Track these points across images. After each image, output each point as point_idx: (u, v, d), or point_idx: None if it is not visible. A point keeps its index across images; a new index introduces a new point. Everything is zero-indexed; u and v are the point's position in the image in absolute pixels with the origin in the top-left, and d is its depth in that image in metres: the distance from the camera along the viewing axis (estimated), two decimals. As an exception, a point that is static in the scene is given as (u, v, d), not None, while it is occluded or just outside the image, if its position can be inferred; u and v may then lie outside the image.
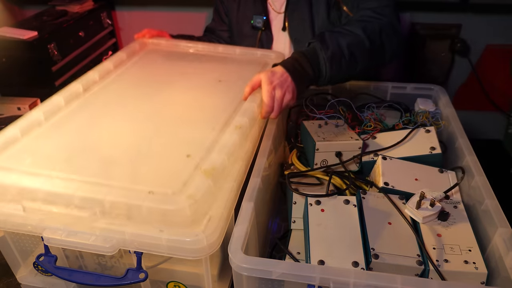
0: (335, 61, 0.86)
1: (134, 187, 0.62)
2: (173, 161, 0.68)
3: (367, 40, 0.89)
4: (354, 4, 1.02)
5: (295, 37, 1.18)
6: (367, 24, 0.91)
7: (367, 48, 0.89)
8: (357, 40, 0.88)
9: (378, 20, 0.92)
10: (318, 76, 0.87)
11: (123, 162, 0.69)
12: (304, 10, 1.14)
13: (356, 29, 0.89)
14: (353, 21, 0.94)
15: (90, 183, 0.63)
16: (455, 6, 1.59)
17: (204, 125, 0.77)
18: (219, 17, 1.34)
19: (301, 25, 1.16)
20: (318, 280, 0.53)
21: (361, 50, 0.88)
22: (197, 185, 0.61)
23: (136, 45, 1.11)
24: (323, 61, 0.85)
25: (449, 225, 0.65)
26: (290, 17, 1.17)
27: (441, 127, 0.87)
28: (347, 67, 0.88)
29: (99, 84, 0.92)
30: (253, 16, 1.22)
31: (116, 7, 1.90)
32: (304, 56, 0.86)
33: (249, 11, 1.24)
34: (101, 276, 0.63)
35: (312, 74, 0.86)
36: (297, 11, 1.15)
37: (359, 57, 0.89)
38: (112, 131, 0.77)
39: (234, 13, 1.28)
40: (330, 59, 0.85)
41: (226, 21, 1.32)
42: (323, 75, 0.87)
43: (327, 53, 0.85)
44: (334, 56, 0.86)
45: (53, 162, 0.67)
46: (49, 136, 0.75)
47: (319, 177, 0.81)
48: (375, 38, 0.90)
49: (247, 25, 1.25)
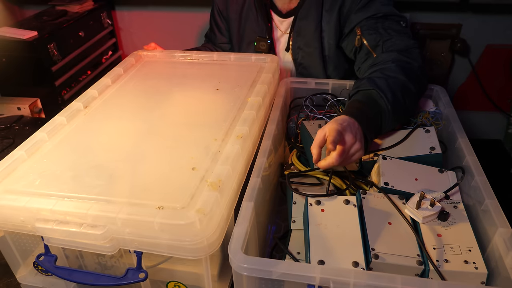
0: (396, 108, 0.78)
1: (143, 202, 0.63)
2: (179, 174, 0.69)
3: (411, 84, 0.82)
4: (376, 42, 0.95)
5: (298, 59, 1.16)
6: (405, 68, 0.85)
7: (413, 92, 0.83)
8: (405, 86, 0.82)
9: (411, 64, 0.87)
10: (380, 125, 0.78)
11: (129, 177, 0.69)
12: (313, 32, 1.10)
13: (398, 74, 0.83)
14: (389, 65, 0.86)
15: (101, 201, 0.63)
16: (455, 6, 1.59)
17: (206, 136, 0.78)
18: (219, 32, 1.28)
19: (308, 47, 1.13)
20: (318, 280, 0.53)
21: (409, 94, 0.82)
22: (205, 199, 0.62)
23: (132, 59, 1.11)
24: (385, 107, 0.77)
25: (449, 225, 0.65)
26: (295, 38, 1.13)
27: (441, 127, 0.87)
28: (404, 113, 0.83)
29: (99, 101, 0.93)
30: (256, 38, 1.17)
31: (116, 7, 1.90)
32: (363, 103, 0.77)
33: (251, 31, 1.19)
34: (101, 276, 0.63)
35: (379, 123, 0.78)
36: (302, 34, 1.12)
37: (408, 102, 0.82)
38: (115, 147, 0.77)
39: (235, 32, 1.23)
40: (392, 104, 0.77)
41: (227, 36, 1.28)
42: (386, 124, 0.79)
43: (388, 98, 0.77)
44: (395, 102, 0.78)
45: (61, 182, 0.68)
46: (55, 155, 0.76)
47: (319, 177, 0.81)
48: (415, 82, 0.84)
49: (249, 46, 1.20)
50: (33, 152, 0.76)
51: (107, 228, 0.59)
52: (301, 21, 1.11)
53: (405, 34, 0.96)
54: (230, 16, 1.22)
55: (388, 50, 0.92)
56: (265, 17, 1.15)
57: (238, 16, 1.20)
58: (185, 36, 1.87)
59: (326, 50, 1.12)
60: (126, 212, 0.60)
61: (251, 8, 1.17)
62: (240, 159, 0.72)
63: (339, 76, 1.16)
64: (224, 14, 1.24)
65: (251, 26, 1.18)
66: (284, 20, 1.16)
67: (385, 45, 0.93)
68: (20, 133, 1.28)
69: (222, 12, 1.24)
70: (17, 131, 1.30)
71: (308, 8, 1.09)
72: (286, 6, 1.14)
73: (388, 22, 0.98)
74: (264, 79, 0.95)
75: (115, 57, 1.91)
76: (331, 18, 1.07)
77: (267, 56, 1.07)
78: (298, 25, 1.11)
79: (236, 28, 1.22)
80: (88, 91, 0.95)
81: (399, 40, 0.93)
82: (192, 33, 1.86)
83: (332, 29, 1.08)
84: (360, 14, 1.01)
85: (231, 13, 1.21)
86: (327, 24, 1.09)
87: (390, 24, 0.98)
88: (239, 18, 1.20)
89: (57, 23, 1.59)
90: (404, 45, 0.91)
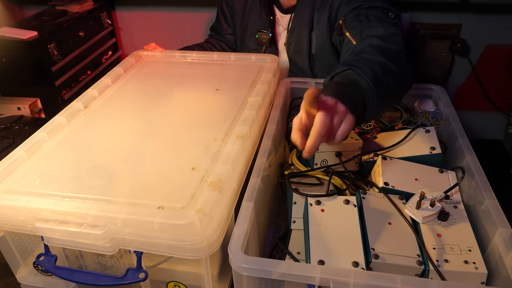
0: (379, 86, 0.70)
1: (143, 202, 0.63)
2: (179, 174, 0.69)
3: (391, 64, 0.75)
4: (357, 30, 0.91)
5: (291, 57, 1.17)
6: (382, 50, 0.78)
7: (396, 72, 0.75)
8: (385, 65, 0.75)
9: (389, 47, 0.81)
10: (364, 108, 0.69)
11: (129, 177, 0.69)
12: (303, 30, 1.11)
13: (376, 55, 0.76)
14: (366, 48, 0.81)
15: (101, 201, 0.63)
16: (455, 6, 1.59)
17: (206, 136, 0.78)
18: (225, 21, 1.31)
19: (298, 45, 1.14)
20: (318, 280, 0.53)
21: (391, 74, 0.74)
22: (205, 199, 0.62)
23: (132, 59, 1.12)
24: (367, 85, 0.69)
25: (449, 225, 0.65)
26: (290, 35, 1.15)
27: (441, 127, 0.87)
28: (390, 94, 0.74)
29: (99, 101, 0.93)
30: (258, 31, 1.18)
31: (116, 7, 1.90)
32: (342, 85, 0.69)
33: (254, 25, 1.20)
34: (101, 276, 0.63)
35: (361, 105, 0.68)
36: (296, 30, 1.13)
37: (392, 83, 0.74)
38: (115, 147, 0.77)
39: (239, 24, 1.25)
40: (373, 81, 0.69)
41: (232, 24, 1.30)
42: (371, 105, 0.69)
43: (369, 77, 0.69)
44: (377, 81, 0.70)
45: (61, 182, 0.68)
46: (55, 155, 0.76)
47: (319, 177, 0.80)
48: (397, 63, 0.77)
49: (251, 38, 1.22)
50: (33, 152, 0.76)
51: (107, 228, 0.59)
52: (296, 18, 1.13)
53: (387, 22, 0.91)
54: (235, 7, 1.25)
55: (366, 36, 0.88)
56: (268, 11, 1.17)
57: (242, 7, 1.23)
58: (185, 36, 1.87)
59: (313, 49, 1.13)
60: (126, 212, 0.60)
61: (255, 1, 1.20)
62: (240, 159, 0.72)
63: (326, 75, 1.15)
64: (230, 3, 1.27)
65: (254, 19, 1.20)
66: (285, 16, 1.18)
67: (363, 33, 0.90)
68: (20, 133, 1.28)
69: (228, 1, 1.27)
70: (17, 131, 1.30)
71: (303, 6, 1.11)
72: (287, 2, 1.17)
73: (372, 11, 0.95)
74: (264, 79, 0.95)
75: (115, 57, 1.91)
76: (320, 17, 1.09)
77: (267, 56, 1.07)
78: (293, 22, 1.13)
79: (240, 19, 1.24)
80: (88, 91, 0.95)
81: (379, 27, 0.89)
82: (192, 33, 1.86)
83: (322, 28, 1.09)
84: (346, 7, 1.02)
85: (236, 4, 1.24)
86: (317, 23, 1.10)
87: (375, 13, 0.95)
88: (244, 9, 1.22)
89: (57, 23, 1.59)
90: (384, 31, 0.87)
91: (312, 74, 1.17)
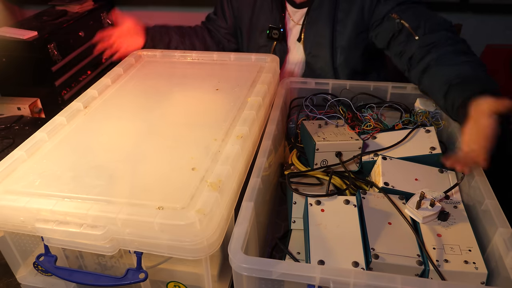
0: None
1: (143, 203, 0.62)
2: (179, 174, 0.69)
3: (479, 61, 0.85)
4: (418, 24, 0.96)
5: (309, 51, 1.16)
6: (465, 46, 0.89)
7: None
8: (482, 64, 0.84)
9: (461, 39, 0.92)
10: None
11: (129, 177, 0.69)
12: (325, 25, 1.11)
13: (471, 56, 0.86)
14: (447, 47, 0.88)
15: (101, 202, 0.63)
16: (455, 6, 1.59)
17: (206, 136, 0.78)
18: (223, 17, 1.29)
19: (318, 39, 1.13)
20: (318, 280, 0.53)
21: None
22: (205, 199, 0.61)
23: (132, 59, 1.11)
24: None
25: (449, 225, 0.65)
26: (308, 29, 1.14)
27: (441, 127, 0.87)
28: None
29: (99, 101, 0.93)
30: (269, 27, 1.18)
31: (116, 7, 1.90)
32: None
33: (265, 20, 1.19)
34: (101, 276, 0.63)
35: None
36: (316, 25, 1.13)
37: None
38: (115, 147, 0.77)
39: (246, 20, 1.24)
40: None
41: (229, 23, 1.29)
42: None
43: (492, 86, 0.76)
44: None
45: (61, 182, 0.68)
46: (55, 155, 0.75)
47: (319, 177, 0.81)
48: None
49: (261, 34, 1.21)
50: (33, 152, 0.76)
51: (107, 228, 0.59)
52: (314, 11, 1.12)
53: (435, 14, 0.99)
54: (242, 4, 1.24)
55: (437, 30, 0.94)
56: (280, 7, 1.17)
57: (252, 3, 1.22)
58: (185, 36, 1.87)
59: (338, 41, 1.12)
60: (126, 212, 0.59)
61: None
62: (240, 159, 0.72)
63: (347, 69, 1.17)
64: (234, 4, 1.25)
65: (265, 15, 1.20)
66: (298, 11, 1.17)
67: (427, 25, 0.94)
68: (20, 133, 1.28)
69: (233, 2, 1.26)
70: (17, 131, 1.30)
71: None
72: None
73: (420, 6, 1.02)
74: (264, 79, 0.95)
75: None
76: (351, 8, 1.08)
77: (267, 56, 1.07)
78: (311, 15, 1.12)
79: (249, 16, 1.23)
80: (88, 91, 0.95)
81: (440, 19, 0.96)
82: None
83: (350, 19, 1.08)
84: (391, 2, 1.03)
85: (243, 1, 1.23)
86: (343, 14, 1.09)
87: (423, 8, 1.01)
88: (253, 5, 1.21)
89: (57, 23, 1.60)
90: (448, 24, 0.96)
91: (333, 67, 1.16)
